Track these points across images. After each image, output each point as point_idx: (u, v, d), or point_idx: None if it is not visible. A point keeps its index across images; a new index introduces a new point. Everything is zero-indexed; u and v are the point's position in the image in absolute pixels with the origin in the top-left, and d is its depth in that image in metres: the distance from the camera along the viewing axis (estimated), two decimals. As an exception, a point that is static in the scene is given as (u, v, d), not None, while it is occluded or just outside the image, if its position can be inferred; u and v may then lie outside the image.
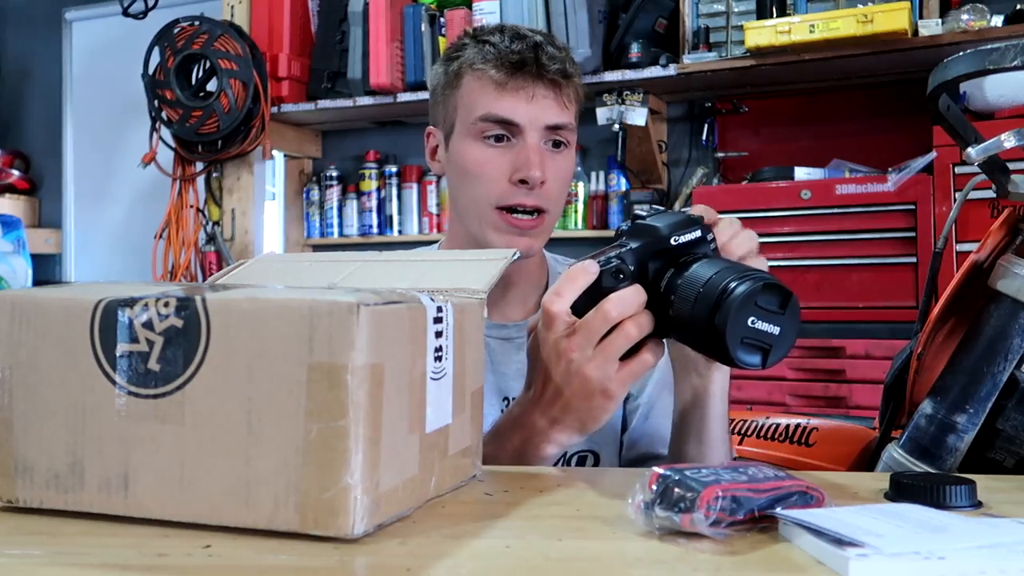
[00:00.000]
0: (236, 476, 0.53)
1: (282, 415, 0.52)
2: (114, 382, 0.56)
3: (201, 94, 3.21)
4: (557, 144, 1.07)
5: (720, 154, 2.87)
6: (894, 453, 0.88)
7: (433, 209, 3.29)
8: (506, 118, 1.04)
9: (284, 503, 0.52)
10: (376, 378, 0.53)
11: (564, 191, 1.10)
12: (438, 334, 0.61)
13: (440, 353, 0.62)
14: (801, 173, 2.46)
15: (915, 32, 2.34)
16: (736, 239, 0.80)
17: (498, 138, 1.05)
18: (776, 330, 0.69)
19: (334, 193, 3.41)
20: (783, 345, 0.70)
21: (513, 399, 1.07)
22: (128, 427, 0.56)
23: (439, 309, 0.62)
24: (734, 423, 1.36)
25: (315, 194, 3.46)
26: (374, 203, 3.37)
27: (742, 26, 2.49)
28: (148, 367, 0.55)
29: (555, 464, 1.06)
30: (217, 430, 0.54)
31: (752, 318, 0.68)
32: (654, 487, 0.55)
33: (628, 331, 0.74)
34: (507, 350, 1.09)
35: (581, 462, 1.09)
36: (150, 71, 3.21)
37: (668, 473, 0.55)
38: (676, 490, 0.54)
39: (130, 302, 0.56)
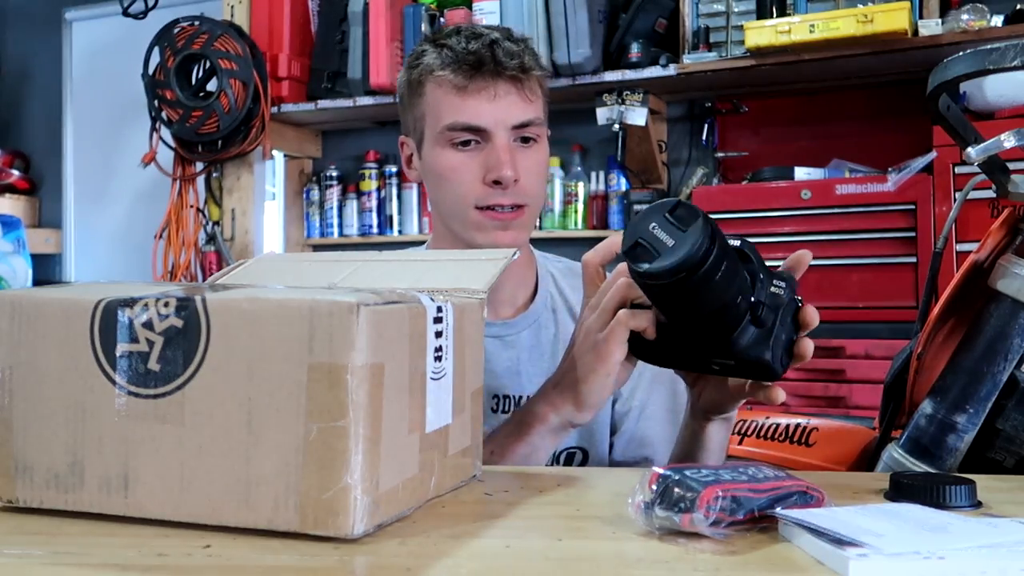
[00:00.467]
0: (236, 476, 0.53)
1: (282, 415, 0.52)
2: (114, 382, 0.56)
3: (201, 94, 3.21)
4: (527, 140, 1.07)
5: (720, 154, 2.87)
6: (894, 453, 0.88)
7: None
8: (471, 124, 1.04)
9: (284, 503, 0.52)
10: (376, 378, 0.53)
11: (541, 184, 1.11)
12: (438, 334, 0.61)
13: (440, 353, 0.62)
14: (801, 173, 2.46)
15: (915, 32, 2.34)
16: None
17: (466, 143, 1.06)
18: (670, 242, 0.68)
19: (334, 193, 3.41)
20: (670, 256, 0.68)
21: (504, 397, 1.08)
22: (128, 427, 0.56)
23: (439, 309, 0.62)
24: (735, 423, 1.37)
25: (315, 194, 3.46)
26: (374, 203, 3.37)
27: (742, 26, 2.49)
28: (148, 367, 0.55)
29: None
30: (217, 430, 0.54)
31: (654, 224, 0.69)
32: (654, 487, 0.55)
33: (619, 283, 0.78)
34: (496, 348, 1.09)
35: (569, 459, 1.09)
36: (150, 71, 3.20)
37: (668, 473, 0.55)
38: (676, 490, 0.54)
39: (130, 302, 0.56)
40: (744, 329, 0.73)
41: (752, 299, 0.72)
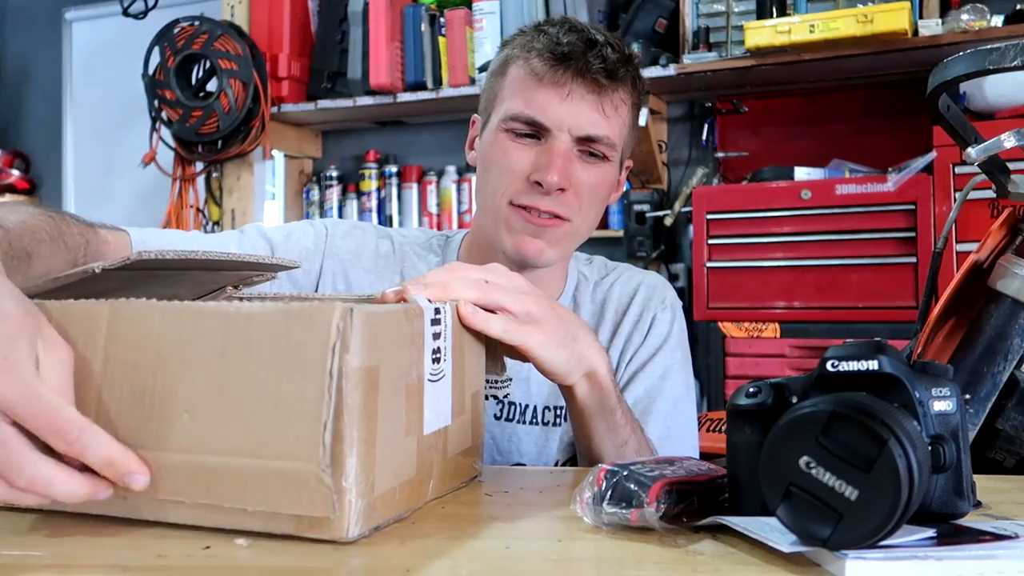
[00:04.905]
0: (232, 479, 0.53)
1: (278, 418, 0.52)
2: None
3: (201, 94, 3.21)
4: (592, 155, 1.00)
5: (720, 154, 2.87)
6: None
7: (433, 209, 3.29)
8: (534, 119, 0.98)
9: None
10: (371, 380, 0.53)
11: (593, 204, 1.03)
12: (436, 336, 0.61)
13: (438, 355, 0.62)
14: (801, 173, 2.46)
15: (915, 32, 2.34)
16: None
17: (525, 135, 1.00)
18: (853, 493, 0.46)
19: (334, 193, 3.41)
20: (864, 519, 0.46)
21: (510, 404, 1.06)
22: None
23: (437, 311, 0.62)
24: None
25: (315, 194, 3.46)
26: (374, 203, 3.37)
27: (742, 26, 2.49)
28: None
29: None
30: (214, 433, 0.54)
31: (808, 459, 0.48)
32: (603, 483, 0.56)
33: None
34: None
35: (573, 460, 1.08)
36: (150, 71, 3.20)
37: (616, 469, 0.56)
38: (625, 485, 0.55)
39: (129, 303, 0.56)
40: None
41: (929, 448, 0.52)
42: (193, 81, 3.22)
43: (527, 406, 1.07)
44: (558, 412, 1.07)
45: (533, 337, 0.73)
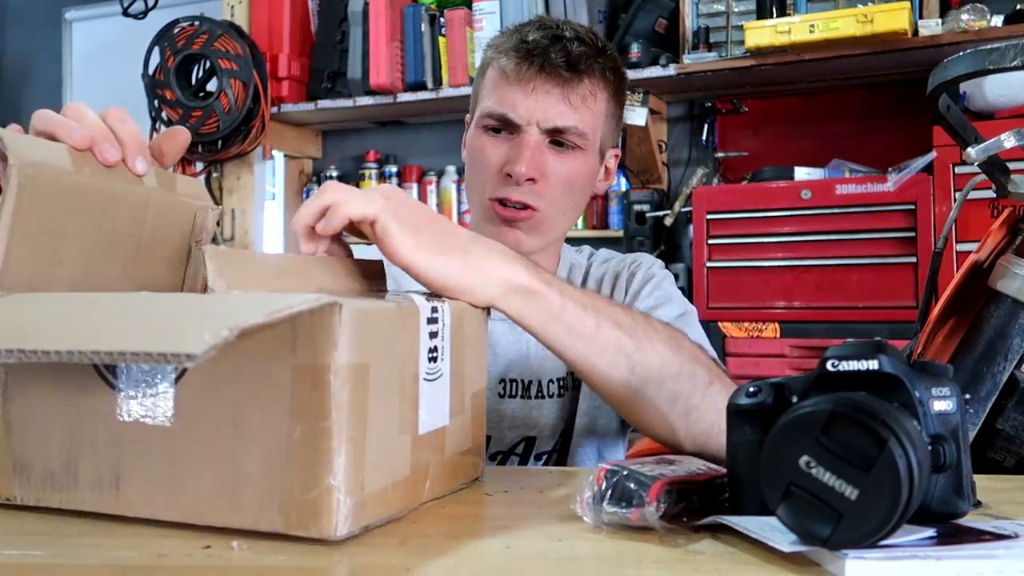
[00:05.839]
0: (223, 477, 0.53)
1: (267, 416, 0.52)
2: (107, 382, 0.56)
3: (201, 94, 3.21)
4: (561, 144, 1.04)
5: (720, 154, 2.87)
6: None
7: (433, 209, 3.29)
8: (504, 115, 1.02)
9: (269, 504, 0.52)
10: (360, 378, 0.52)
11: (566, 193, 1.05)
12: (432, 335, 0.61)
13: (435, 354, 0.61)
14: (801, 173, 2.46)
15: (915, 32, 2.34)
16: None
17: (497, 130, 1.04)
18: (852, 492, 0.46)
19: (334, 193, 3.41)
20: (864, 519, 0.46)
21: (511, 380, 1.08)
22: (120, 427, 0.56)
23: (434, 310, 0.62)
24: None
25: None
26: (374, 203, 3.37)
27: (742, 26, 2.49)
28: (139, 367, 0.55)
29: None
30: (204, 431, 0.54)
31: (808, 459, 0.48)
32: (603, 483, 0.56)
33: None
34: (503, 331, 1.09)
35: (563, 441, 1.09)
36: (150, 71, 3.20)
37: (616, 468, 0.56)
38: (626, 485, 0.55)
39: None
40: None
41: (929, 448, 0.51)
42: (193, 81, 3.22)
43: (530, 382, 1.09)
44: (561, 384, 1.10)
45: (401, 238, 0.66)
